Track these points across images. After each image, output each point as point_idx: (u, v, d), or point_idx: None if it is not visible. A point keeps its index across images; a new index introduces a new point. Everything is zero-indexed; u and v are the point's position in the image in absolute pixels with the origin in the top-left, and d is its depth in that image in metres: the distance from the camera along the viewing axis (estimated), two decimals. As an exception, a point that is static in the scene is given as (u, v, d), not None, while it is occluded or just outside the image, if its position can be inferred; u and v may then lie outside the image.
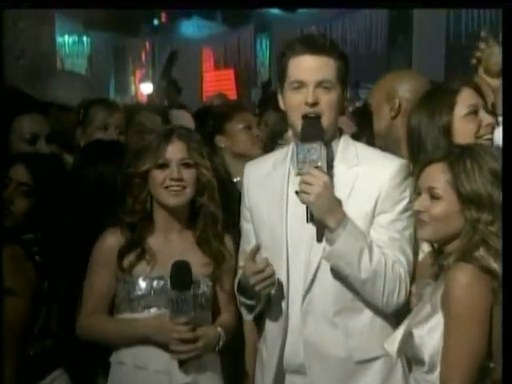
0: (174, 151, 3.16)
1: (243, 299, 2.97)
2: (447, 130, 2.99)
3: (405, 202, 2.87)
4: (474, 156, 2.67)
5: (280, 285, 2.90)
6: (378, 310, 2.89)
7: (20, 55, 7.96)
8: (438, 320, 2.62)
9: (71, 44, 11.03)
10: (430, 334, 2.63)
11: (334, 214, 2.77)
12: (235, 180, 3.81)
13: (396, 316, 2.91)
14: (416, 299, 2.83)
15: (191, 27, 11.53)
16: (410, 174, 2.90)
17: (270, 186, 2.98)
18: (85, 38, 11.05)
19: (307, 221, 2.80)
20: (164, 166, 3.15)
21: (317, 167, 2.75)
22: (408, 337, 2.67)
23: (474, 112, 3.02)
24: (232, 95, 10.29)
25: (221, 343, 3.14)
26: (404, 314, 2.81)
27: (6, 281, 2.91)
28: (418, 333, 2.65)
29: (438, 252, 2.77)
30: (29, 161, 3.25)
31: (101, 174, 3.49)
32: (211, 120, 4.30)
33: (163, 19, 11.26)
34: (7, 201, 3.13)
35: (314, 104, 2.82)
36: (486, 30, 3.25)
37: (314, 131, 2.79)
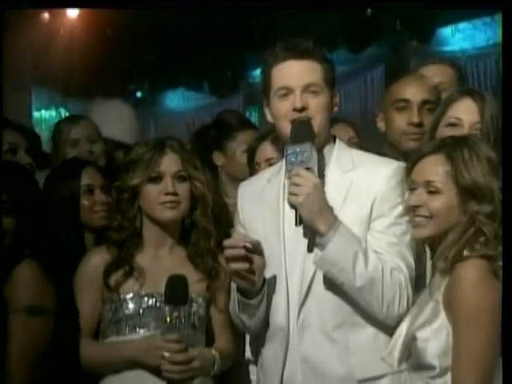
0: (168, 163, 3.20)
1: (243, 299, 2.93)
2: None
3: (402, 205, 2.89)
4: (470, 145, 2.74)
5: (279, 300, 2.92)
6: (381, 326, 2.89)
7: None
8: (442, 320, 2.63)
9: (48, 118, 11.15)
10: (435, 337, 2.63)
11: (324, 217, 2.79)
12: (226, 200, 3.86)
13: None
14: None
15: (176, 99, 11.67)
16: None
17: (265, 199, 3.05)
18: (63, 112, 11.18)
19: (296, 224, 2.82)
20: (157, 179, 3.19)
21: (307, 169, 2.79)
22: (411, 341, 2.67)
23: None
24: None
25: (216, 367, 3.14)
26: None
27: (32, 299, 2.95)
28: (421, 336, 2.65)
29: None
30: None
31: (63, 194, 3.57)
32: (212, 131, 4.22)
33: (146, 91, 11.41)
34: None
35: (303, 109, 2.89)
36: None
37: (303, 132, 2.85)
